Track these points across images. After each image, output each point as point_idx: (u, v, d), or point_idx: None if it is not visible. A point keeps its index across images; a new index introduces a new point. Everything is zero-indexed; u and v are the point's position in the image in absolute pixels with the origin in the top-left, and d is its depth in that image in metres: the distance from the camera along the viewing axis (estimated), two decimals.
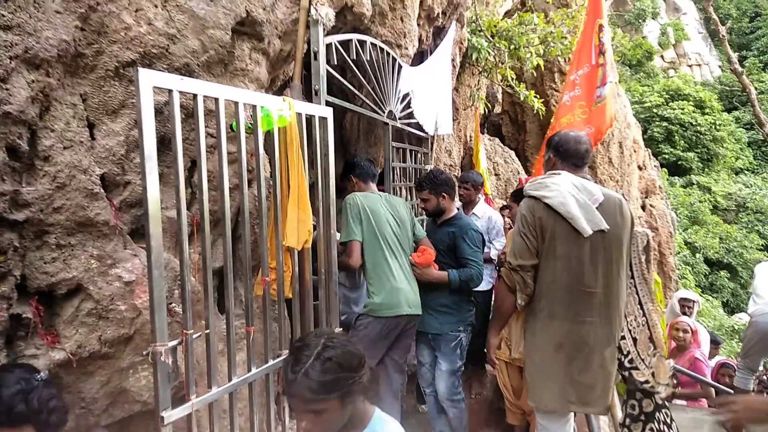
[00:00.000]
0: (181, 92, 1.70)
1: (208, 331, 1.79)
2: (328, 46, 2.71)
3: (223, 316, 2.20)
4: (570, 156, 2.45)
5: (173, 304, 1.97)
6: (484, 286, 3.94)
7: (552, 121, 4.83)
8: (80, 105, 1.78)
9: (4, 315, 1.55)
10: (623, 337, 2.36)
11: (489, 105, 7.45)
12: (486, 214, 4.26)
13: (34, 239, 1.64)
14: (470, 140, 6.32)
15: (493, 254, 4.15)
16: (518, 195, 3.37)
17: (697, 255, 17.71)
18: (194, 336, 1.72)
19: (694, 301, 5.31)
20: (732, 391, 4.65)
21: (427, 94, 4.09)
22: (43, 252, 1.67)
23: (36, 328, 1.65)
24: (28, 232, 1.62)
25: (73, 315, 1.75)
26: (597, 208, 2.30)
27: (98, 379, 1.82)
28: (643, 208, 9.14)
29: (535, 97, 5.99)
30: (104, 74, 1.83)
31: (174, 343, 1.65)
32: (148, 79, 1.57)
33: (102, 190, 1.82)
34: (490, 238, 4.17)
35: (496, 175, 6.83)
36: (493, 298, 4.02)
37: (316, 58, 2.59)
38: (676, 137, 22.06)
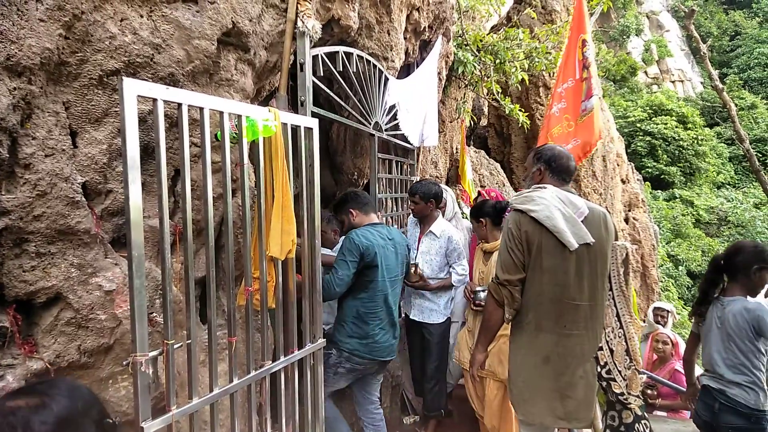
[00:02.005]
0: (165, 101, 1.71)
1: (189, 341, 1.78)
2: (315, 57, 2.73)
3: (205, 326, 2.18)
4: (562, 171, 2.49)
5: (154, 314, 1.96)
6: (437, 318, 3.71)
7: (540, 132, 4.84)
8: (63, 113, 1.78)
9: None
10: (600, 348, 2.38)
11: (475, 118, 7.54)
12: (445, 234, 3.74)
13: (13, 247, 1.63)
14: (456, 152, 6.38)
15: (455, 280, 3.72)
16: (477, 212, 3.44)
17: (680, 267, 17.92)
18: (175, 346, 1.71)
19: (668, 311, 5.38)
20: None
21: (414, 106, 4.13)
22: (22, 260, 1.65)
23: (13, 337, 1.63)
24: (6, 240, 1.61)
25: (51, 324, 1.73)
26: (582, 221, 2.33)
27: None
28: (627, 221, 9.24)
29: (520, 110, 6.07)
30: (88, 83, 1.82)
31: (155, 353, 1.64)
32: (133, 88, 1.57)
33: (83, 199, 1.81)
34: (449, 261, 3.75)
35: (481, 186, 6.87)
36: (444, 330, 3.75)
37: (302, 70, 2.61)
38: (659, 151, 22.41)
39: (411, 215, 4.01)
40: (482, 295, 3.28)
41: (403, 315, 3.94)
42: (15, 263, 1.64)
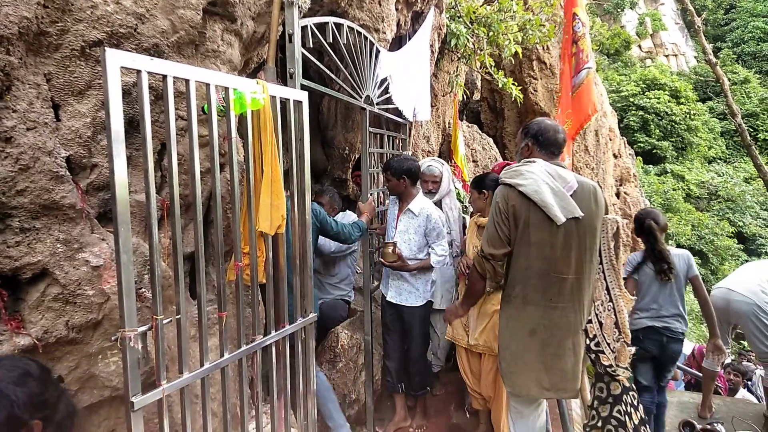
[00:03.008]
0: (150, 73, 1.66)
1: (179, 316, 1.77)
2: (304, 28, 2.67)
3: (194, 302, 2.18)
4: (550, 145, 2.47)
5: (143, 289, 1.95)
6: (414, 301, 3.56)
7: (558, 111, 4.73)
8: (44, 85, 1.73)
9: None
10: (590, 321, 2.40)
11: (468, 92, 7.47)
12: (424, 212, 3.55)
13: None
14: (449, 127, 6.33)
15: (434, 261, 3.53)
16: (480, 183, 3.40)
17: (670, 242, 18.08)
18: (165, 321, 1.70)
19: None
20: (701, 374, 4.81)
21: (406, 79, 4.07)
22: (6, 235, 1.63)
23: None
24: None
25: (38, 300, 1.71)
26: (571, 195, 2.33)
27: (66, 365, 1.79)
28: (618, 195, 9.28)
29: (514, 84, 6.01)
30: (69, 54, 1.77)
31: (144, 328, 1.63)
32: (116, 60, 1.53)
33: (68, 173, 1.77)
34: (429, 241, 3.58)
35: (474, 161, 6.85)
36: (425, 314, 3.64)
37: (291, 41, 2.55)
38: (652, 126, 22.44)
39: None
40: None
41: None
42: None
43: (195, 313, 2.05)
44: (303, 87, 2.61)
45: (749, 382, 6.39)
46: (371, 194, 3.69)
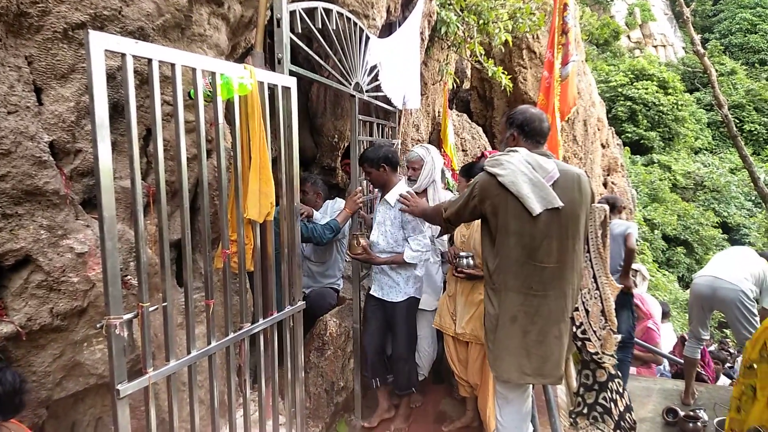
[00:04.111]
0: (135, 57, 1.63)
1: (165, 303, 1.75)
2: (292, 13, 2.63)
3: (181, 289, 2.16)
4: (535, 134, 2.48)
5: (129, 277, 1.93)
6: (395, 296, 3.40)
7: (540, 99, 4.71)
8: (25, 68, 1.69)
9: None
10: (576, 309, 2.42)
11: (458, 80, 7.43)
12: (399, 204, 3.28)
13: None
14: (438, 115, 6.31)
15: (407, 256, 3.31)
16: (469, 170, 3.39)
17: (656, 231, 18.29)
18: (151, 309, 1.68)
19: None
20: (681, 360, 4.89)
21: (396, 67, 4.04)
22: None
23: None
24: None
25: (22, 287, 1.69)
26: (552, 185, 2.33)
27: (50, 353, 1.78)
28: (605, 185, 9.34)
29: (503, 73, 6.00)
30: (51, 36, 1.74)
31: (129, 315, 1.61)
32: (100, 42, 1.49)
33: (51, 158, 1.74)
34: (405, 233, 3.37)
35: (463, 150, 6.85)
36: (408, 311, 3.44)
37: (279, 26, 2.51)
38: (640, 116, 22.55)
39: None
40: (465, 261, 3.09)
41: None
42: None
43: (182, 300, 2.03)
44: (291, 73, 2.58)
45: (731, 369, 6.51)
46: (361, 183, 3.67)
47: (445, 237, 3.64)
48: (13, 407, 1.32)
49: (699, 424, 3.83)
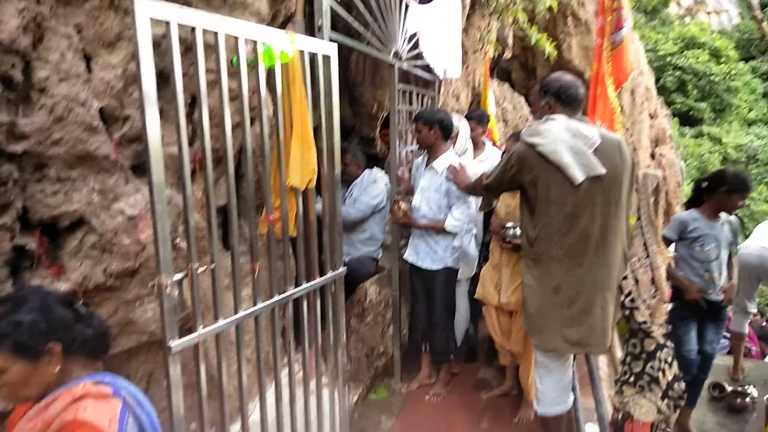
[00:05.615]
0: (179, 25, 1.64)
1: (213, 265, 1.80)
2: None
3: (228, 253, 2.21)
4: (572, 101, 2.43)
5: (178, 239, 1.98)
6: (430, 264, 3.42)
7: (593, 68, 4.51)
8: (75, 36, 1.73)
9: (7, 245, 1.56)
10: (625, 277, 2.37)
11: (499, 49, 7.25)
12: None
13: (34, 172, 1.64)
14: (479, 85, 6.19)
15: (448, 225, 3.32)
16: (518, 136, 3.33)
17: None
18: (199, 270, 1.73)
19: None
20: (728, 335, 4.75)
21: (436, 34, 3.96)
22: (44, 185, 1.66)
23: (41, 259, 1.67)
24: (27, 164, 1.62)
25: (77, 247, 1.76)
26: (594, 151, 2.27)
27: (105, 311, 1.86)
28: (653, 156, 9.03)
29: (547, 40, 5.81)
30: (99, 4, 1.77)
31: (179, 275, 1.67)
32: (145, 10, 1.51)
33: (102, 124, 1.79)
34: (449, 201, 3.36)
35: (504, 121, 6.72)
36: (446, 280, 3.47)
37: None
38: (689, 87, 21.56)
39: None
40: (512, 232, 3.03)
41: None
42: (37, 188, 1.65)
43: (228, 263, 2.08)
44: (331, 40, 2.56)
45: None
46: (402, 151, 3.65)
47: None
48: (103, 348, 1.40)
49: (747, 399, 3.73)
